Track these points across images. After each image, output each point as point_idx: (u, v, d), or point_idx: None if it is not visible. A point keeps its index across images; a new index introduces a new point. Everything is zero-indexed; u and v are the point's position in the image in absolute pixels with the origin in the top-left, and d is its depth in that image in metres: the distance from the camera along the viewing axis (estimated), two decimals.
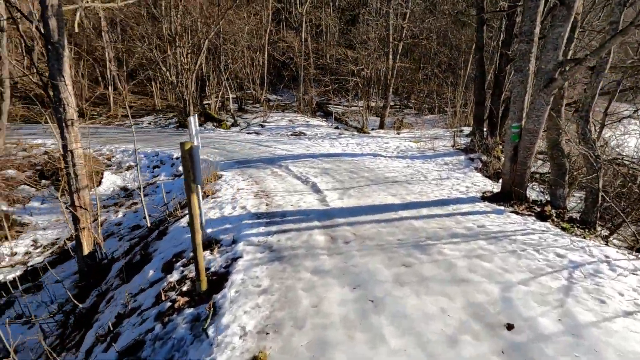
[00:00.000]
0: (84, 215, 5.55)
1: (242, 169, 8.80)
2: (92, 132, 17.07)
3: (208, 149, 11.85)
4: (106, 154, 12.76)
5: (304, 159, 9.59)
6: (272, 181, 7.22)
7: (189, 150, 2.79)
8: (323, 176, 7.49)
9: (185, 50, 17.72)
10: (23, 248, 7.78)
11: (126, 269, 4.79)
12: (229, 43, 20.63)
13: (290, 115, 20.71)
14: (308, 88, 22.74)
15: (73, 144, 5.06)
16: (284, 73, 24.17)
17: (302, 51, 22.65)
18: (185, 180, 2.85)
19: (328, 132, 15.21)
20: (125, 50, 25.39)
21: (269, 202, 5.62)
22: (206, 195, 6.48)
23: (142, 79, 27.03)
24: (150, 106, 26.18)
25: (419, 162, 9.28)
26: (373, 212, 4.96)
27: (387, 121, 17.84)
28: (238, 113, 21.66)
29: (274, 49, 26.00)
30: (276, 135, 15.07)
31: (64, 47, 4.61)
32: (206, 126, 17.81)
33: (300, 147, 11.55)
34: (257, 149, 11.57)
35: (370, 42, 17.21)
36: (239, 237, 4.18)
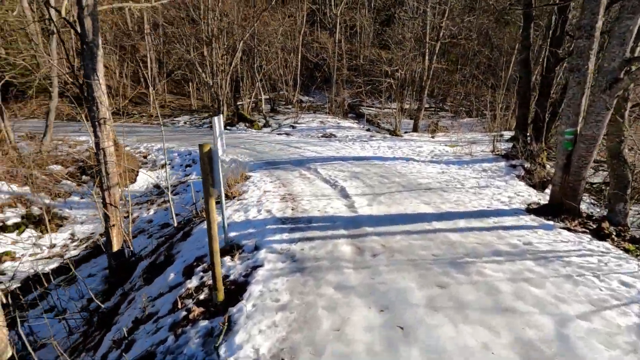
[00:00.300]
0: (113, 213, 5.60)
1: (271, 170, 8.69)
2: (131, 131, 17.82)
3: (239, 149, 11.90)
4: (142, 152, 13.18)
5: (333, 162, 9.33)
6: (299, 184, 7.02)
7: (207, 152, 2.61)
8: (352, 180, 7.19)
9: (221, 52, 18.05)
10: (61, 241, 8.10)
11: (149, 270, 4.76)
12: (264, 44, 20.81)
13: (321, 116, 20.54)
14: (340, 89, 22.48)
15: (105, 142, 5.11)
16: (316, 74, 24.04)
17: (335, 52, 22.43)
18: (203, 184, 2.68)
19: (359, 135, 14.86)
20: (166, 52, 26.37)
21: (295, 207, 5.41)
22: (233, 196, 6.39)
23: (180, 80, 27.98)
24: (187, 106, 27.05)
25: (455, 168, 8.74)
26: (404, 222, 4.60)
27: (421, 124, 17.19)
28: (270, 114, 21.81)
29: (307, 50, 26.01)
30: (306, 136, 14.93)
31: (98, 47, 4.66)
32: (238, 126, 18.03)
33: (330, 149, 11.31)
34: (286, 150, 11.46)
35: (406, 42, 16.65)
36: (262, 243, 3.98)
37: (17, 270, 7.01)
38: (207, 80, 18.09)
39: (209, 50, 17.98)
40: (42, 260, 7.38)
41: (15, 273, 6.99)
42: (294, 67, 22.56)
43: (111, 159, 5.30)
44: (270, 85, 24.13)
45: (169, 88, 29.32)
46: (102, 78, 4.84)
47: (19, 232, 7.95)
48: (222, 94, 18.12)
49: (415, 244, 3.84)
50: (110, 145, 5.24)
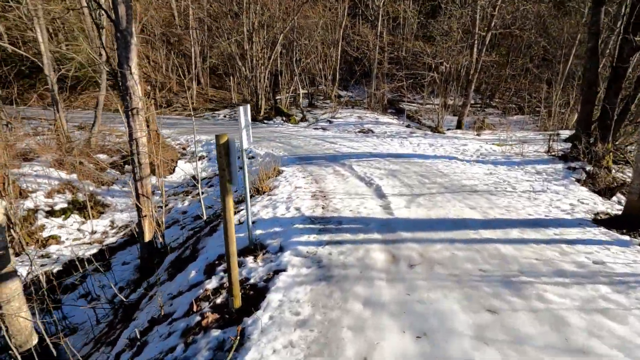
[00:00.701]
0: (145, 204, 5.59)
1: (304, 165, 8.41)
2: (175, 123, 18.40)
3: (274, 143, 11.77)
4: (182, 143, 13.48)
5: (369, 158, 8.87)
6: (332, 181, 6.67)
7: (224, 144, 2.33)
8: (389, 179, 6.71)
9: (260, 46, 18.06)
10: (102, 227, 8.39)
11: (175, 264, 4.65)
12: (303, 38, 20.58)
13: (359, 111, 19.99)
14: (380, 84, 21.75)
15: (138, 132, 5.06)
16: (355, 68, 23.44)
17: (376, 45, 21.71)
18: (220, 181, 2.41)
19: (398, 131, 14.19)
20: (209, 47, 27.01)
21: (326, 205, 5.06)
22: (263, 191, 6.18)
23: (221, 74, 28.60)
24: (228, 100, 27.61)
25: (504, 169, 7.94)
26: (446, 228, 4.10)
27: (465, 121, 16.12)
28: (308, 108, 21.60)
29: (347, 44, 25.45)
30: (343, 131, 14.52)
31: (131, 35, 4.58)
32: (275, 120, 18.00)
33: (366, 145, 10.83)
34: (321, 145, 11.14)
35: (452, 34, 15.61)
36: (287, 244, 3.69)
37: (61, 254, 7.33)
38: (246, 74, 18.21)
39: (249, 44, 18.06)
40: (84, 246, 7.67)
41: (59, 257, 7.32)
42: (334, 62, 22.14)
43: (143, 149, 5.26)
44: (309, 80, 23.91)
45: (212, 82, 30.11)
46: (136, 67, 4.77)
47: (65, 217, 8.33)
48: (260, 88, 18.16)
49: (459, 255, 3.35)
50: (143, 136, 5.19)
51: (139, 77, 4.83)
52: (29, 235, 7.55)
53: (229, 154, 2.37)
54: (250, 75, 18.21)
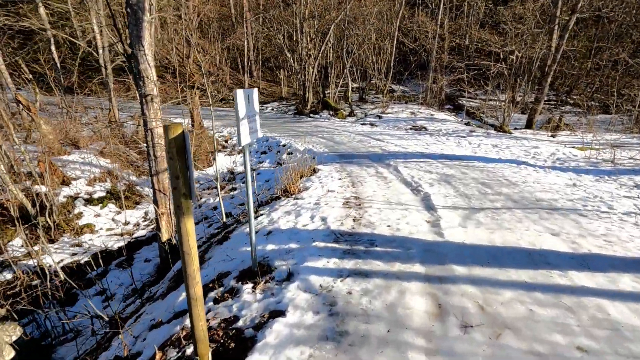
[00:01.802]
0: (162, 200, 5.12)
1: (343, 164, 7.53)
2: (222, 115, 18.47)
3: (315, 138, 11.01)
4: (225, 135, 13.26)
5: (419, 160, 7.72)
6: (372, 184, 5.71)
7: (176, 138, 1.54)
8: (441, 186, 5.59)
9: (310, 36, 17.37)
10: (135, 219, 8.26)
11: (179, 275, 4.07)
12: (355, 28, 19.50)
13: (413, 107, 18.51)
14: (438, 77, 19.98)
15: (153, 122, 4.55)
16: (411, 59, 21.82)
17: (436, 36, 19.94)
18: (172, 195, 1.64)
19: (455, 129, 12.65)
20: (263, 40, 26.99)
21: (358, 217, 4.15)
22: (291, 193, 5.41)
23: (272, 67, 28.54)
24: (278, 93, 27.51)
25: (591, 180, 6.35)
26: (518, 263, 2.99)
27: (537, 119, 14.01)
28: (358, 103, 20.57)
29: (403, 34, 23.84)
30: (392, 128, 13.32)
31: (143, 11, 4.03)
32: (322, 114, 17.25)
33: (417, 144, 9.61)
34: (366, 142, 10.13)
35: (527, 18, 13.51)
36: (299, 270, 2.87)
37: (92, 244, 7.27)
38: (295, 65, 17.64)
39: (299, 35, 17.46)
40: (115, 237, 7.57)
41: (90, 247, 7.26)
42: (388, 54, 20.77)
43: (160, 141, 4.75)
44: (361, 73, 22.79)
45: (264, 75, 30.24)
46: (149, 49, 4.22)
47: (102, 206, 8.32)
48: (308, 81, 17.50)
49: (540, 315, 2.27)
50: (159, 126, 4.67)
51: (153, 59, 4.28)
52: (66, 222, 7.60)
53: (184, 155, 1.58)
54: (299, 68, 17.61)
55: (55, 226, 7.40)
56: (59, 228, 7.44)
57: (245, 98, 2.49)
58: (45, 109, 13.51)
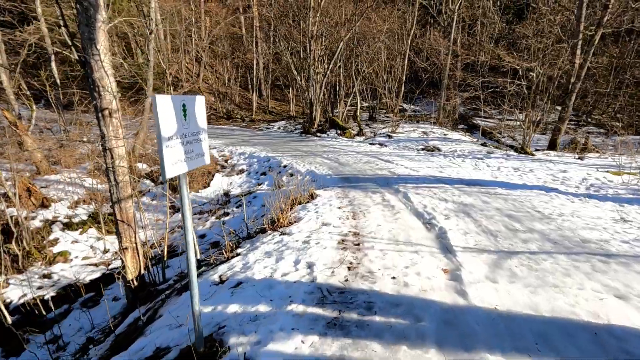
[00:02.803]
0: (126, 232, 4.33)
1: (346, 189, 6.68)
2: (226, 134, 17.99)
3: (319, 159, 10.23)
4: (226, 155, 12.62)
5: (432, 184, 6.81)
6: (377, 215, 4.83)
7: None
8: (459, 218, 4.67)
9: (318, 53, 16.91)
10: (116, 246, 7.50)
11: (130, 331, 3.21)
12: (365, 46, 19.03)
13: (425, 126, 17.71)
14: (451, 95, 19.21)
15: (112, 140, 3.82)
16: (422, 76, 21.16)
17: (449, 54, 19.31)
18: None
19: (472, 150, 11.71)
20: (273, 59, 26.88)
21: (355, 263, 3.26)
22: (280, 225, 4.56)
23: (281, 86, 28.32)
24: (287, 112, 27.15)
25: (638, 212, 5.33)
26: (581, 350, 2.05)
27: (560, 140, 12.97)
28: (367, 122, 19.90)
29: (415, 53, 23.32)
30: (403, 148, 12.46)
31: (97, 8, 3.36)
32: (329, 133, 16.56)
33: (430, 167, 8.71)
34: (374, 163, 9.28)
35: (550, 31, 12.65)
36: (259, 356, 1.99)
37: (63, 276, 6.51)
38: (301, 83, 17.14)
39: (307, 53, 17.03)
40: (90, 267, 6.80)
41: (59, 279, 6.50)
42: (399, 73, 20.17)
43: (121, 163, 4.00)
44: (371, 92, 22.22)
45: (274, 94, 30.07)
46: (105, 54, 3.53)
47: (82, 232, 7.62)
48: (315, 99, 16.93)
49: None
50: (121, 146, 3.94)
51: (111, 66, 3.58)
52: (39, 250, 6.89)
53: None
54: (305, 85, 17.09)
55: (25, 254, 6.69)
56: (29, 256, 6.72)
57: (175, 108, 1.69)
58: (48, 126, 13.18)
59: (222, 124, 23.47)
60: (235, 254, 3.79)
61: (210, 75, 27.76)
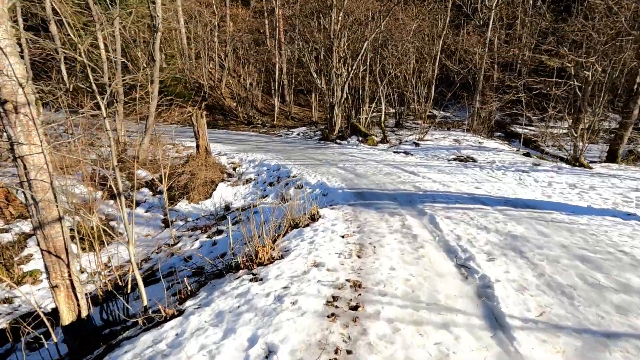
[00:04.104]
0: (55, 266, 3.30)
1: (358, 208, 5.40)
2: (242, 139, 17.15)
3: (334, 169, 9.00)
4: (235, 162, 11.67)
5: (468, 205, 5.40)
6: (392, 250, 3.53)
7: None
8: (509, 260, 3.29)
9: (340, 54, 15.77)
10: (94, 265, 6.60)
11: None
12: (390, 46, 17.69)
13: (456, 134, 16.08)
14: (488, 98, 17.44)
15: (23, 146, 2.79)
16: (455, 79, 19.49)
17: (484, 55, 17.59)
18: None
19: (513, 161, 10.05)
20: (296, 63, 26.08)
21: (343, 353, 2.00)
22: (258, 263, 3.36)
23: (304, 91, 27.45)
24: (309, 118, 26.21)
25: None
26: None
27: (622, 150, 10.99)
28: (393, 129, 18.49)
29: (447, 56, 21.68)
30: (431, 157, 10.98)
31: None
32: (350, 140, 15.30)
33: (464, 181, 7.25)
34: (396, 175, 7.93)
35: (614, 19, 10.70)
36: None
37: (23, 302, 5.64)
38: (321, 86, 16.03)
39: (329, 54, 15.95)
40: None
41: (20, 305, 5.64)
42: (429, 77, 18.64)
43: (41, 174, 2.98)
44: (398, 96, 20.77)
45: (297, 100, 29.24)
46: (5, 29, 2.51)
47: None
48: (336, 103, 15.75)
49: None
50: (38, 152, 2.91)
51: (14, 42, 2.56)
52: (7, 268, 6.09)
53: None
54: (326, 89, 15.97)
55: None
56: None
57: None
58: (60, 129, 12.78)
59: (242, 129, 22.83)
60: (177, 311, 2.63)
61: (232, 80, 27.34)
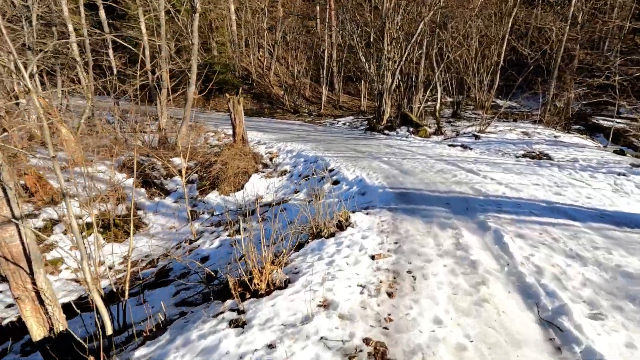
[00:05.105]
0: (14, 276, 2.75)
1: (399, 214, 4.36)
2: (285, 128, 16.53)
3: (376, 162, 7.93)
4: (273, 152, 11.03)
5: (547, 218, 4.07)
6: (440, 285, 2.50)
7: None
8: (626, 317, 2.07)
9: (392, 36, 14.33)
10: (114, 257, 6.30)
11: None
12: (451, 25, 15.76)
13: (525, 125, 13.99)
14: (566, 87, 14.94)
15: None
16: (528, 61, 17.06)
17: (565, 32, 15.01)
18: None
19: (603, 160, 8.11)
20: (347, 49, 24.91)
21: None
22: (252, 291, 2.51)
23: (354, 79, 26.21)
24: (358, 107, 25.04)
25: None
26: None
27: None
28: (450, 119, 16.67)
29: (517, 38, 19.07)
30: (494, 152, 9.36)
31: None
32: (399, 131, 13.92)
33: (539, 184, 5.78)
34: (450, 173, 6.65)
35: None
36: None
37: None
38: (370, 72, 14.76)
39: (379, 36, 14.60)
40: (71, 285, 5.65)
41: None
42: (493, 62, 16.47)
43: None
44: (457, 84, 18.74)
45: (347, 88, 28.11)
46: None
47: (87, 234, 6.57)
48: (385, 90, 14.42)
49: None
50: None
51: None
52: None
53: None
54: (375, 74, 14.67)
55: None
56: None
57: None
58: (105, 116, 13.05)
59: (287, 118, 22.32)
60: None
61: (279, 67, 26.89)
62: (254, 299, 2.40)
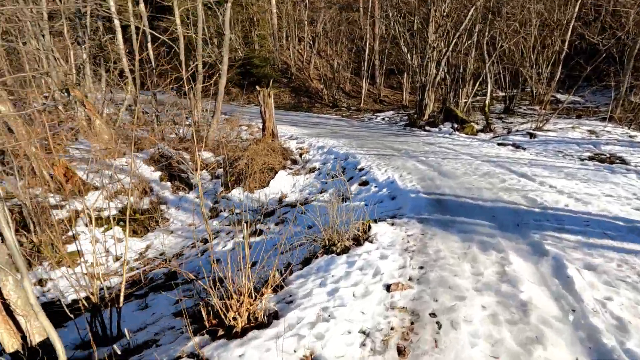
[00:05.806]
0: None
1: (431, 226, 3.64)
2: (320, 122, 15.99)
3: (412, 162, 7.14)
4: (304, 147, 10.55)
5: (626, 243, 3.13)
6: (474, 340, 1.81)
7: None
8: None
9: (438, 23, 13.17)
10: (131, 253, 6.17)
11: None
12: (506, 10, 14.18)
13: (591, 123, 12.26)
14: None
15: None
16: (601, 47, 15.04)
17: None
18: None
19: None
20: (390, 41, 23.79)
21: None
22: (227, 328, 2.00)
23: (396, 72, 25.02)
24: (400, 101, 23.89)
25: None
26: None
27: None
28: (501, 115, 15.15)
29: (584, 24, 16.85)
30: (554, 154, 8.10)
31: None
32: (442, 127, 12.81)
33: (611, 195, 4.70)
34: (498, 177, 5.70)
35: None
36: None
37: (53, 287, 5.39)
38: (411, 63, 13.71)
39: (423, 24, 13.49)
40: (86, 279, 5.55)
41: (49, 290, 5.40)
42: (555, 51, 14.65)
43: None
44: (510, 77, 16.99)
45: (389, 82, 26.97)
46: None
47: (106, 229, 6.53)
48: (428, 82, 13.32)
49: None
50: None
51: None
52: (53, 246, 5.98)
53: None
54: (417, 65, 13.60)
55: (36, 250, 5.84)
56: (38, 253, 5.86)
57: None
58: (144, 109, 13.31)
59: (325, 112, 21.78)
60: None
61: (319, 60, 26.33)
62: (223, 340, 1.88)
